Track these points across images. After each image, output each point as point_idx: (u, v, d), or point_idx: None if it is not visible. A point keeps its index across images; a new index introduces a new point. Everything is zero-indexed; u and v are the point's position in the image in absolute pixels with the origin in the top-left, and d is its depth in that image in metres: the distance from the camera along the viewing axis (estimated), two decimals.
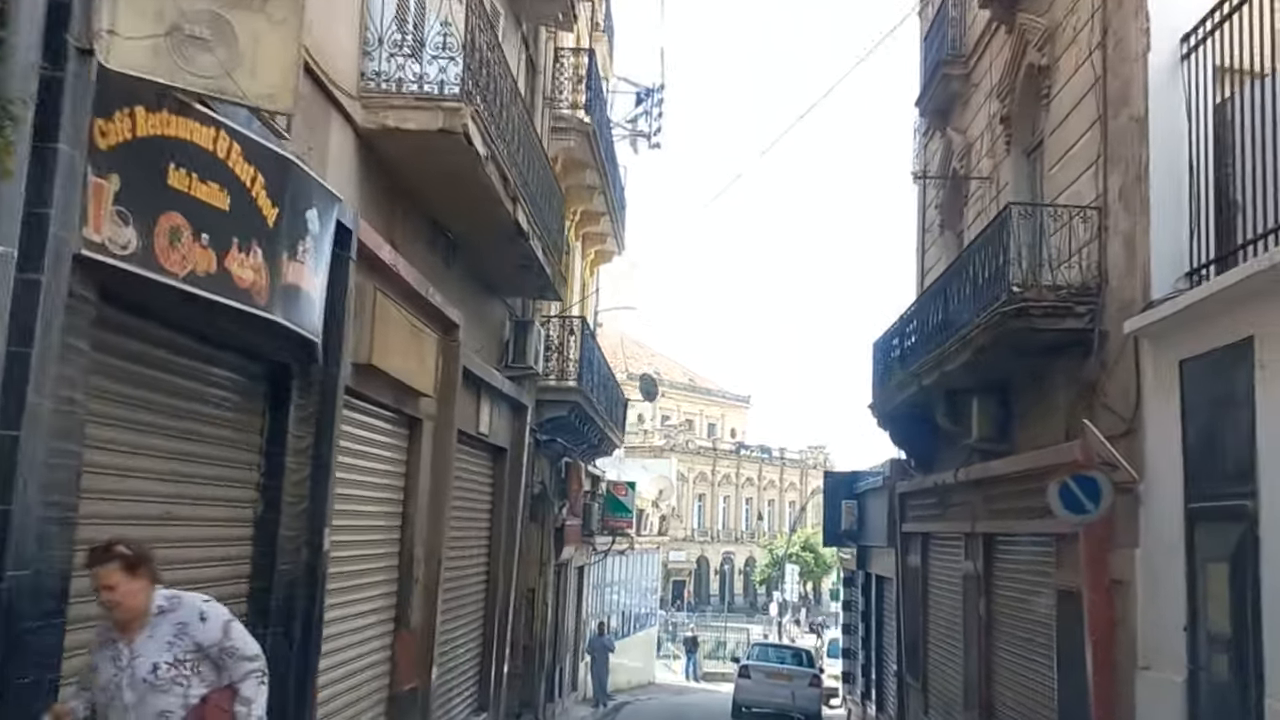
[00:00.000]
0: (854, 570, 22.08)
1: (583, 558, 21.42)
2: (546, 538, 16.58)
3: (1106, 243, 9.00)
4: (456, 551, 11.04)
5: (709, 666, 36.14)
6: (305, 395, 6.55)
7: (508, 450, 13.18)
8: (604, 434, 19.19)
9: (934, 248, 15.50)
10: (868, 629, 20.32)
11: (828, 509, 20.89)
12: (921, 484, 15.01)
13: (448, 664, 10.84)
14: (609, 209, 19.43)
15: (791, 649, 24.34)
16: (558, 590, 18.89)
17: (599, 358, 18.00)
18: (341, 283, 6.75)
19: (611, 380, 20.66)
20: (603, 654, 22.52)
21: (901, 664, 16.48)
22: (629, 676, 28.30)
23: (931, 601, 15.01)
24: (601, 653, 22.52)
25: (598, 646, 22.58)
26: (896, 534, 16.61)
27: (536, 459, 15.14)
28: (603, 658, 22.47)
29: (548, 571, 16.69)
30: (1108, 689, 8.44)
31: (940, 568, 14.53)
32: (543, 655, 16.65)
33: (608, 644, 22.90)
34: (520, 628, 15.38)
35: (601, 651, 22.54)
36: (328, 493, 6.71)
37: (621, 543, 25.59)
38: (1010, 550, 11.43)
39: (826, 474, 21.05)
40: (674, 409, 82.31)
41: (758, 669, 21.86)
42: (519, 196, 9.17)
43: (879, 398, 15.65)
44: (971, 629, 12.40)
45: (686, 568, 77.54)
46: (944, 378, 11.65)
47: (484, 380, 11.22)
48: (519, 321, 12.69)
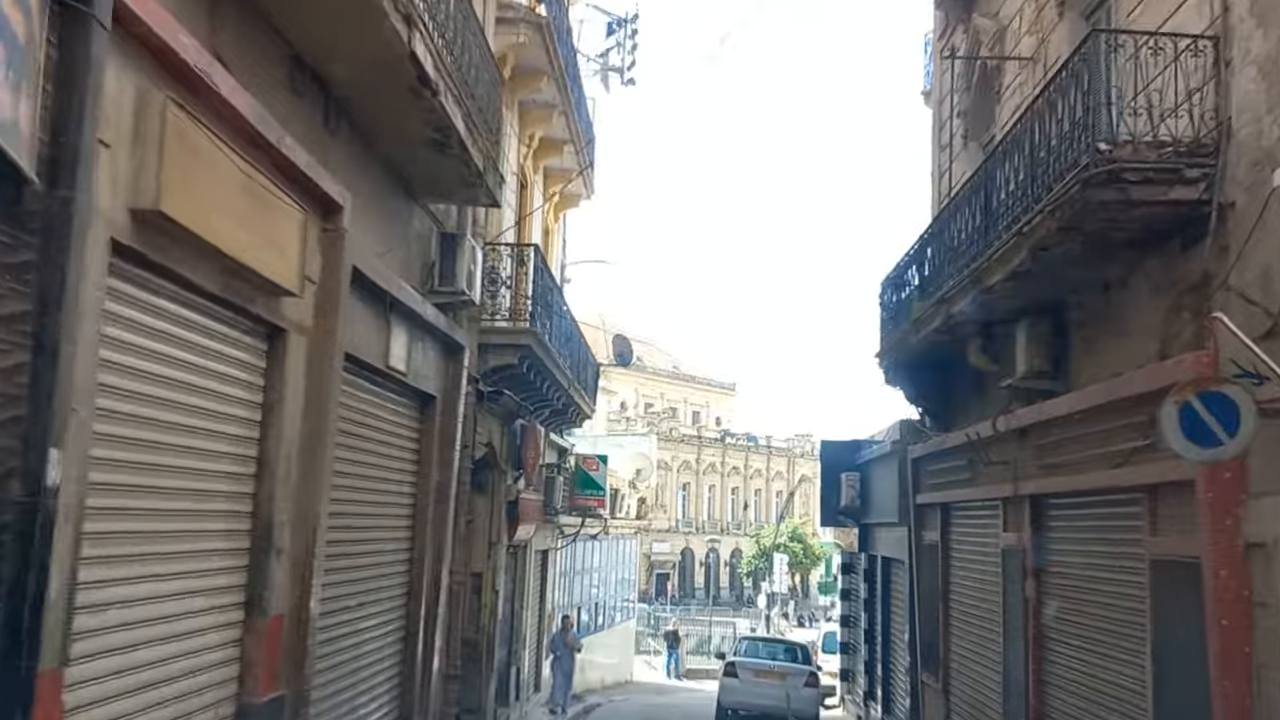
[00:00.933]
0: (855, 554, 19.62)
1: (546, 540, 18.86)
2: (497, 513, 14.04)
3: (1230, 80, 6.51)
4: (355, 519, 8.50)
5: (692, 663, 33.57)
6: (9, 234, 4.01)
7: (438, 399, 10.62)
8: (569, 397, 16.64)
9: (957, 163, 12.99)
10: (871, 620, 17.86)
11: (825, 484, 18.40)
12: (941, 445, 12.54)
13: (340, 663, 8.30)
14: (572, 138, 16.87)
15: (784, 643, 21.73)
16: (514, 576, 16.35)
17: (561, 303, 15.44)
18: (82, 62, 4.20)
19: (579, 339, 18.11)
20: (567, 653, 19.62)
21: (916, 660, 14.02)
22: (604, 675, 25.77)
23: (955, 585, 12.55)
24: (566, 651, 19.62)
25: (561, 644, 19.68)
26: (909, 507, 14.14)
27: (480, 416, 12.58)
28: (567, 657, 19.56)
29: (498, 553, 14.14)
30: (1241, 697, 5.97)
31: (967, 543, 12.07)
32: (492, 651, 14.11)
33: (573, 642, 19.96)
34: (461, 619, 12.85)
35: (566, 650, 19.65)
36: (56, 393, 4.15)
37: (593, 525, 23.00)
38: (1071, 514, 8.95)
39: (824, 444, 18.51)
40: (657, 396, 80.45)
41: (746, 667, 19.24)
42: (415, 19, 6.61)
43: (888, 345, 13.17)
44: (1014, 617, 9.93)
45: (670, 560, 75.58)
46: (981, 301, 9.18)
47: (395, 298, 8.66)
48: (446, 235, 10.13)
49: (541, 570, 19.30)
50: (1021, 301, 8.95)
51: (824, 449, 18.52)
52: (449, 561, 11.46)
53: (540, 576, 19.28)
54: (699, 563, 77.09)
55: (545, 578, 19.38)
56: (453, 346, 10.83)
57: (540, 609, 19.26)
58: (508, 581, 15.96)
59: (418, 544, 10.44)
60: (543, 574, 19.34)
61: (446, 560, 11.13)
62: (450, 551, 11.55)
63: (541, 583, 19.31)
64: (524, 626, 16.98)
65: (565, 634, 19.86)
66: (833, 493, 18.19)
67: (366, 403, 8.68)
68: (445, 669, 11.72)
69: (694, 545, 77.02)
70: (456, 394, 11.01)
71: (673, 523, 76.28)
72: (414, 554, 10.42)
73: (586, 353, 19.33)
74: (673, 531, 75.99)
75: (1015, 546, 9.89)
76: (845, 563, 20.87)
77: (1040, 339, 8.98)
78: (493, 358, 12.43)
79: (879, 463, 16.30)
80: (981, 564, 11.35)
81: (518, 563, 16.44)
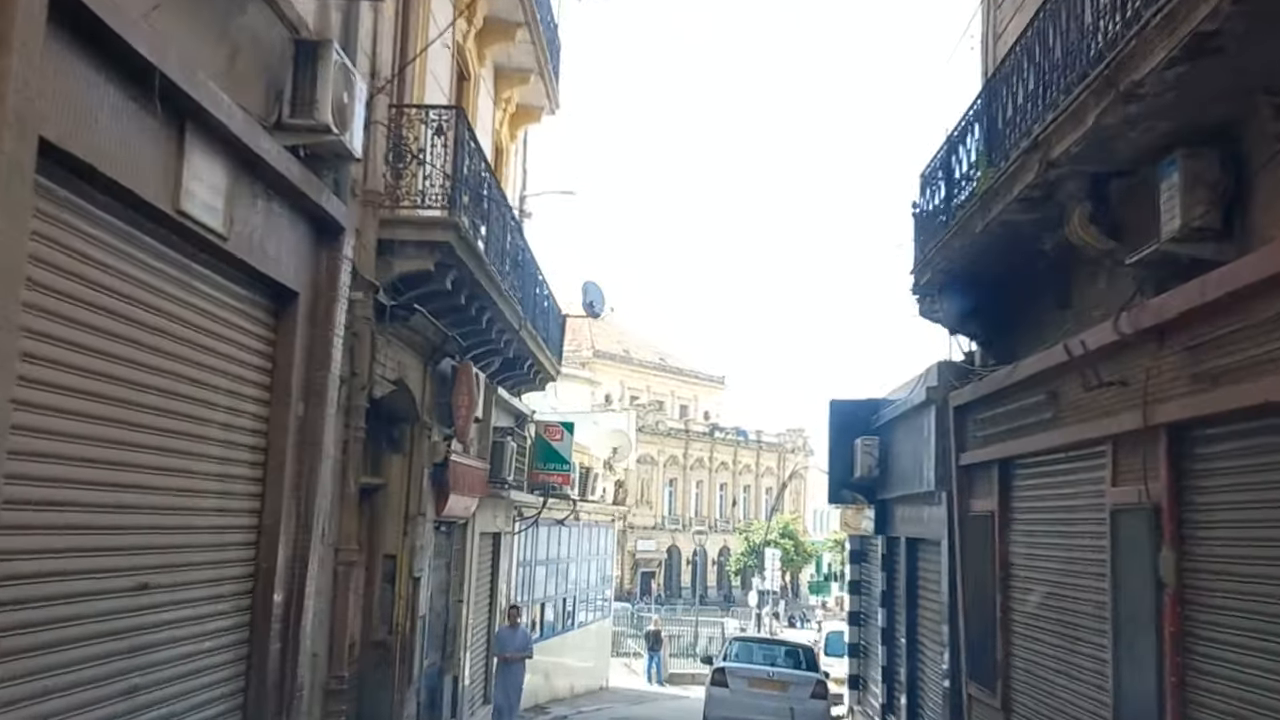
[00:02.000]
0: (867, 538, 16.44)
1: (498, 521, 15.61)
2: (417, 479, 10.80)
3: None
4: (121, 449, 5.28)
5: (677, 666, 30.31)
6: None
7: (300, 297, 7.38)
8: (523, 344, 13.42)
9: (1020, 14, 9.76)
10: (891, 617, 14.67)
11: (834, 453, 15.20)
12: (1002, 382, 9.35)
13: (96, 674, 5.07)
14: (527, 20, 13.63)
15: (784, 645, 18.28)
16: (450, 562, 13.11)
17: (509, 217, 12.17)
18: None
19: (536, 273, 14.88)
20: (513, 651, 15.18)
21: (958, 667, 10.84)
22: (574, 680, 22.53)
23: (1019, 567, 9.38)
24: (511, 649, 15.15)
25: (508, 645, 15.14)
26: (949, 471, 10.97)
27: (386, 342, 9.35)
28: (515, 662, 15.15)
29: (419, 530, 10.90)
30: None
31: (1042, 510, 8.89)
32: (410, 656, 10.86)
33: (521, 643, 15.37)
34: (360, 614, 9.65)
35: (510, 648, 15.12)
36: None
37: (559, 508, 19.75)
38: (1239, 449, 5.77)
39: (833, 404, 15.29)
40: (643, 388, 77.74)
41: (738, 674, 15.85)
42: None
43: (929, 257, 10.00)
44: (1135, 607, 6.74)
45: (656, 558, 72.88)
46: (1108, 130, 6.00)
47: (192, 99, 5.41)
48: (304, 44, 6.86)
49: (493, 557, 16.06)
50: (1175, 122, 5.78)
51: (833, 411, 15.31)
52: (330, 533, 8.24)
53: (491, 565, 16.03)
54: (685, 561, 74.40)
55: (497, 567, 16.13)
56: (325, 224, 7.60)
57: (491, 604, 16.02)
58: (439, 568, 12.72)
59: (270, 505, 7.22)
60: (494, 562, 16.09)
61: (324, 531, 7.91)
62: (333, 519, 8.34)
63: (493, 573, 16.06)
64: (464, 626, 13.74)
65: (513, 629, 15.41)
66: (843, 463, 15.02)
67: (141, 267, 5.43)
68: (327, 681, 8.50)
69: (680, 543, 74.31)
70: (334, 294, 7.79)
71: (658, 519, 73.55)
72: (264, 519, 7.19)
73: (547, 296, 16.09)
74: (658, 528, 73.24)
75: (1137, 505, 6.69)
76: (855, 550, 17.67)
77: (1203, 179, 5.79)
78: (400, 260, 9.18)
79: (905, 421, 13.12)
80: (1067, 535, 8.18)
81: (454, 545, 13.20)
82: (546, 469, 17.15)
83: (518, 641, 15.24)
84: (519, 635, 15.40)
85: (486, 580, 15.75)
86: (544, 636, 20.10)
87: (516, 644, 15.18)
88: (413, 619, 10.81)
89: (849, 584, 17.74)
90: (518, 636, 15.33)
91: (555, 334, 17.48)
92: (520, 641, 15.29)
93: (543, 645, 20.10)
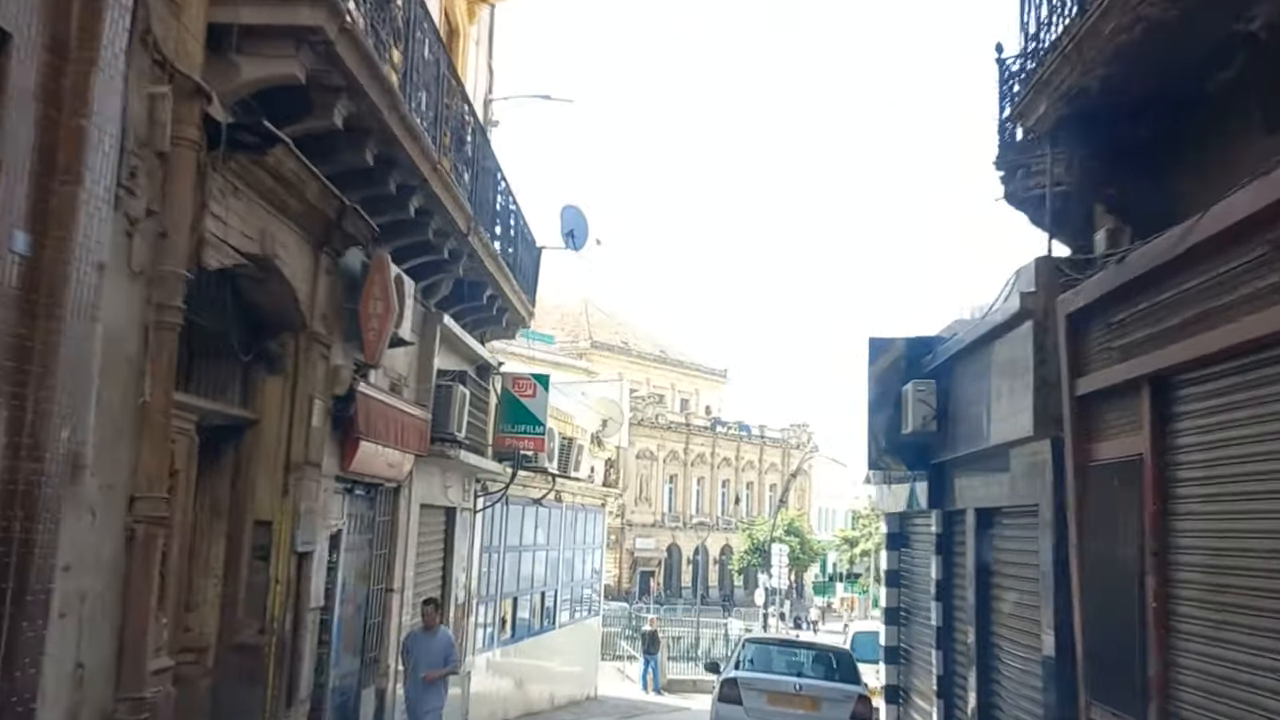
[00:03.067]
0: (913, 515, 13.21)
1: (446, 490, 12.34)
2: (302, 414, 7.56)
3: None
4: None
5: (675, 672, 27.02)
6: None
7: (12, 41, 4.18)
8: (468, 249, 10.26)
9: None
10: (949, 613, 11.43)
11: (874, 407, 11.94)
12: (1168, 252, 6.12)
13: None
14: None
15: (813, 648, 14.71)
16: (375, 539, 9.87)
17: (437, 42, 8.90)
18: None
19: (498, 173, 11.69)
20: (428, 663, 10.32)
21: (1075, 683, 7.60)
22: (554, 689, 19.29)
23: (1188, 535, 6.17)
24: (426, 660, 10.33)
25: (421, 655, 10.43)
26: (1060, 405, 7.77)
27: (227, 186, 6.13)
28: (430, 674, 10.36)
29: (308, 487, 7.64)
30: None
31: (1237, 441, 5.66)
32: (294, 665, 7.60)
33: (440, 654, 10.44)
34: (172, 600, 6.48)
35: (425, 659, 10.35)
36: None
37: (535, 484, 16.53)
38: None
39: (872, 342, 12.01)
40: (643, 381, 74.84)
41: (755, 687, 12.29)
42: None
43: (1045, 76, 6.76)
44: None
45: (655, 556, 69.97)
46: None
47: None
48: None
49: (445, 538, 12.84)
50: None
51: (874, 351, 12.02)
52: (113, 471, 5.07)
53: (443, 547, 12.81)
54: (686, 560, 71.41)
55: (451, 550, 12.90)
56: None
57: (443, 597, 12.77)
58: (357, 546, 9.51)
59: None
60: (446, 544, 12.87)
61: (90, 465, 4.76)
62: (120, 450, 5.16)
63: (445, 557, 12.84)
64: (396, 624, 10.51)
65: (429, 633, 10.52)
66: (886, 419, 11.78)
67: None
68: (112, 709, 5.30)
69: (681, 541, 71.34)
70: (90, 59, 4.60)
71: (658, 517, 70.67)
72: None
73: (514, 212, 12.89)
74: (658, 526, 70.34)
75: None
76: (893, 533, 14.39)
77: None
78: (250, 62, 5.98)
79: (975, 355, 9.89)
80: None
81: (380, 516, 9.98)
82: (515, 431, 13.93)
83: (435, 651, 10.41)
84: (437, 643, 10.48)
85: (435, 566, 12.53)
86: (516, 638, 16.87)
87: (433, 655, 10.38)
88: (298, 612, 7.60)
89: (886, 574, 14.49)
90: (435, 644, 10.45)
91: (529, 268, 14.31)
92: (439, 651, 10.44)
93: (515, 648, 16.89)
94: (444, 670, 10.41)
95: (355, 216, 7.54)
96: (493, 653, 15.49)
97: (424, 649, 10.36)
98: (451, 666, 10.62)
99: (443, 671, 10.39)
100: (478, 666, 14.52)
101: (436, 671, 10.30)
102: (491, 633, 15.52)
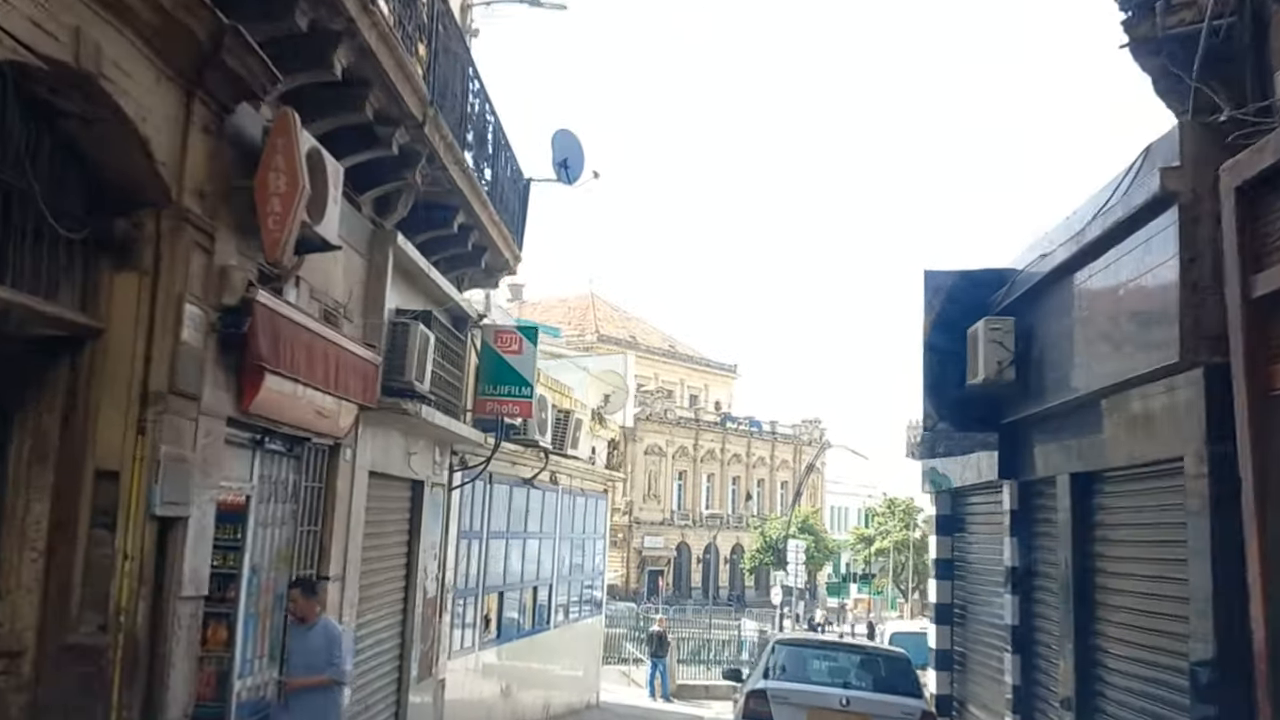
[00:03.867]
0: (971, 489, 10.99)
1: (409, 458, 10.13)
2: (167, 324, 5.38)
3: None
4: None
5: (686, 676, 24.77)
6: None
7: None
8: (427, 146, 8.08)
9: None
10: (1027, 609, 9.20)
11: (930, 355, 9.70)
12: None
13: None
14: None
15: (859, 651, 12.09)
16: (302, 511, 7.65)
17: None
18: None
19: (471, 68, 9.52)
20: (304, 667, 7.25)
21: (1249, 692, 5.39)
22: (550, 695, 17.07)
23: None
24: (300, 665, 7.29)
25: (293, 651, 7.36)
26: (1226, 317, 5.59)
27: None
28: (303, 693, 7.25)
29: (172, 428, 5.45)
30: None
31: None
32: (150, 671, 5.41)
33: (316, 653, 7.22)
34: None
35: (300, 662, 7.29)
36: None
37: (525, 459, 14.34)
38: None
39: (928, 276, 9.80)
40: (651, 376, 72.93)
41: (791, 699, 9.77)
42: None
43: None
44: None
45: (664, 555, 67.80)
46: None
47: None
48: None
49: (409, 518, 10.66)
50: None
51: (929, 287, 9.77)
52: None
53: (407, 529, 10.63)
54: (696, 559, 69.24)
55: (417, 532, 10.70)
56: None
57: (407, 589, 10.60)
58: (276, 518, 7.32)
59: None
60: (412, 525, 10.69)
61: None
62: None
63: (409, 541, 10.65)
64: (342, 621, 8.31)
65: (303, 626, 7.32)
66: (945, 369, 9.58)
67: None
68: None
69: (690, 539, 69.20)
70: None
71: (667, 514, 68.51)
72: None
73: (491, 121, 10.71)
74: (667, 524, 68.18)
75: None
76: (944, 515, 12.17)
77: None
78: None
79: (1078, 274, 7.67)
80: None
81: (308, 482, 7.77)
82: (498, 394, 11.76)
83: (311, 652, 7.23)
84: (314, 640, 7.24)
85: (396, 552, 10.34)
86: (503, 638, 14.67)
87: (309, 657, 7.22)
88: (159, 602, 5.40)
89: (935, 564, 12.25)
90: (311, 642, 7.23)
91: (514, 203, 12.15)
92: (316, 652, 7.23)
93: (503, 649, 14.70)
94: (315, 678, 7.16)
95: (242, 48, 5.37)
96: (473, 656, 13.30)
97: (297, 650, 7.27)
98: (335, 671, 7.22)
99: (312, 680, 7.15)
100: (454, 671, 12.32)
101: (302, 679, 7.20)
102: (472, 633, 13.33)
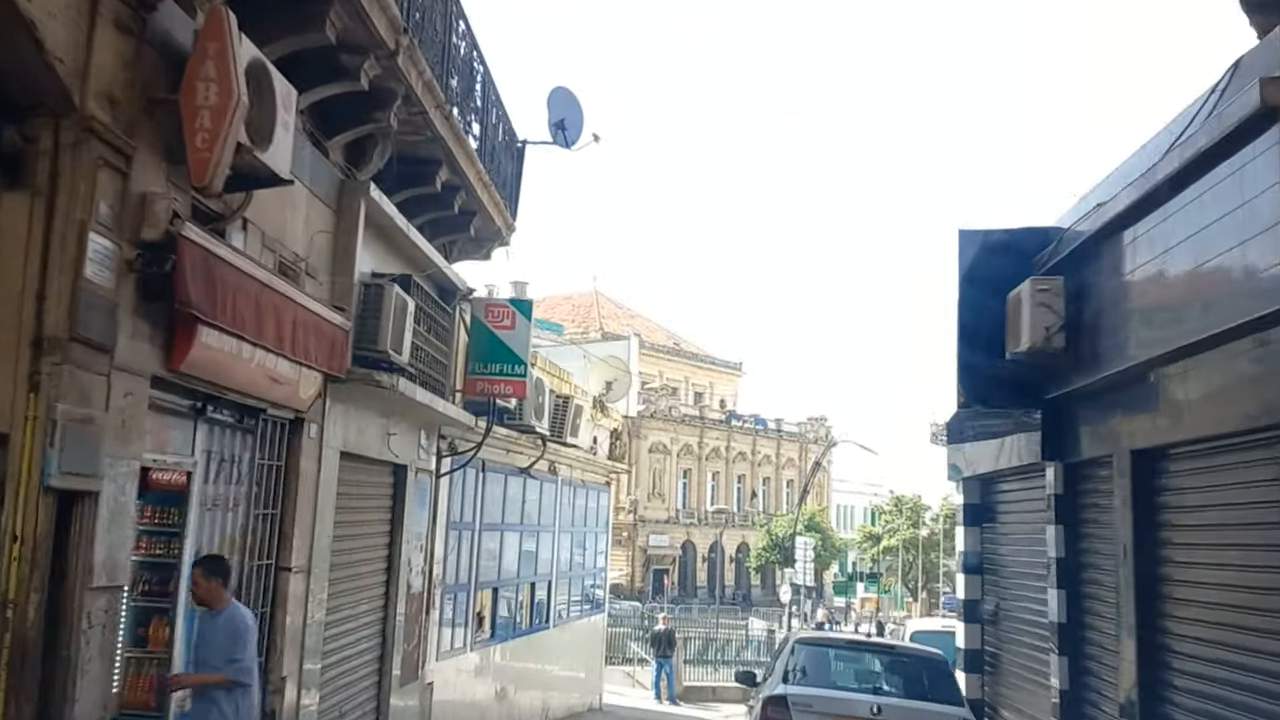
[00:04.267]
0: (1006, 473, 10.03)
1: (389, 439, 9.17)
2: (67, 257, 4.43)
3: None
4: None
5: (693, 678, 23.82)
6: None
7: None
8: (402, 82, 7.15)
9: None
10: (1075, 605, 8.23)
11: (965, 322, 8.74)
12: None
13: None
14: None
15: (890, 652, 10.58)
16: (260, 492, 6.71)
17: None
18: None
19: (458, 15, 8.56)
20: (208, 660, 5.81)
21: None
22: (551, 697, 16.12)
23: None
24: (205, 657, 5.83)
25: (202, 649, 5.85)
26: None
27: None
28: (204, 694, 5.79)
29: (74, 383, 4.53)
30: None
31: None
32: (44, 678, 4.48)
33: (218, 648, 5.77)
34: None
35: (205, 654, 5.83)
36: None
37: (521, 446, 13.37)
38: None
39: (963, 234, 8.82)
40: (655, 374, 72.15)
41: (814, 706, 8.67)
42: None
43: None
44: None
45: (669, 554, 66.93)
46: None
47: None
48: None
49: (391, 506, 9.71)
50: None
51: (964, 246, 8.79)
52: None
53: (389, 518, 9.68)
54: (701, 558, 68.39)
55: (400, 521, 9.75)
56: None
57: (388, 583, 9.65)
58: (225, 499, 6.36)
59: None
60: (395, 513, 9.74)
61: None
62: None
63: (391, 530, 9.70)
64: (300, 619, 7.37)
65: (210, 613, 5.89)
66: (981, 338, 8.61)
67: None
68: None
69: (695, 538, 68.35)
70: None
71: (671, 512, 67.64)
72: None
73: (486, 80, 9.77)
74: (672, 522, 67.29)
75: None
76: (973, 504, 11.22)
77: None
78: None
79: (1143, 222, 6.70)
80: None
81: (265, 459, 6.82)
82: (488, 372, 10.82)
83: (214, 644, 5.86)
84: (218, 629, 5.88)
85: (377, 544, 9.40)
86: (498, 638, 13.70)
87: (212, 649, 5.86)
88: (58, 593, 4.45)
89: (964, 557, 11.28)
90: (215, 631, 5.88)
91: (508, 166, 11.22)
92: (214, 645, 5.87)
93: (498, 649, 13.74)
94: (208, 676, 5.78)
95: None
96: (465, 656, 12.34)
97: (202, 638, 5.92)
98: (234, 670, 5.78)
99: (205, 677, 5.79)
100: (443, 673, 11.37)
101: (191, 676, 5.89)
102: (464, 632, 12.38)
